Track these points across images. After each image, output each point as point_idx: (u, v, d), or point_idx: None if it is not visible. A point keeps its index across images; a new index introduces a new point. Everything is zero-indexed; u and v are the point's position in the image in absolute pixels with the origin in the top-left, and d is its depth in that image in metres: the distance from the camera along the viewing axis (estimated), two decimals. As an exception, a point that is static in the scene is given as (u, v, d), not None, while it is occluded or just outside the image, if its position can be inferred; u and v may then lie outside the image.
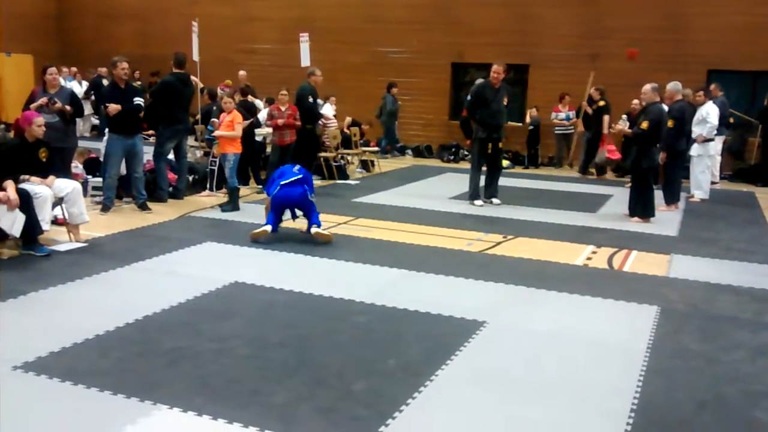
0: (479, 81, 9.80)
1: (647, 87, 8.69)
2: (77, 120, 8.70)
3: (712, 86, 12.06)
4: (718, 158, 12.45)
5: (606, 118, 12.79)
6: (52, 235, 6.66)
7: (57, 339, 4.25)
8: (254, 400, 3.58)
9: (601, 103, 13.01)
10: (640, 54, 10.72)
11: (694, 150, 10.37)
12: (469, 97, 9.65)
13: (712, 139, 10.69)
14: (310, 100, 10.62)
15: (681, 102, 9.65)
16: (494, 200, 9.65)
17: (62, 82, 14.73)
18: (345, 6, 16.39)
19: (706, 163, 10.73)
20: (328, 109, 12.80)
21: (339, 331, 4.64)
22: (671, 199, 9.84)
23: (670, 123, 9.43)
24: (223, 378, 3.83)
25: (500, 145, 9.65)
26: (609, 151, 12.78)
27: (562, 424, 3.49)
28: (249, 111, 10.48)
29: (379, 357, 4.20)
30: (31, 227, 6.06)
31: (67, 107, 7.93)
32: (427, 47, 15.77)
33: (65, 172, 7.53)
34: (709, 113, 10.41)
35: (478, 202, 9.51)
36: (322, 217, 8.36)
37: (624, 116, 12.06)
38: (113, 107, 7.95)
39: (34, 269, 5.79)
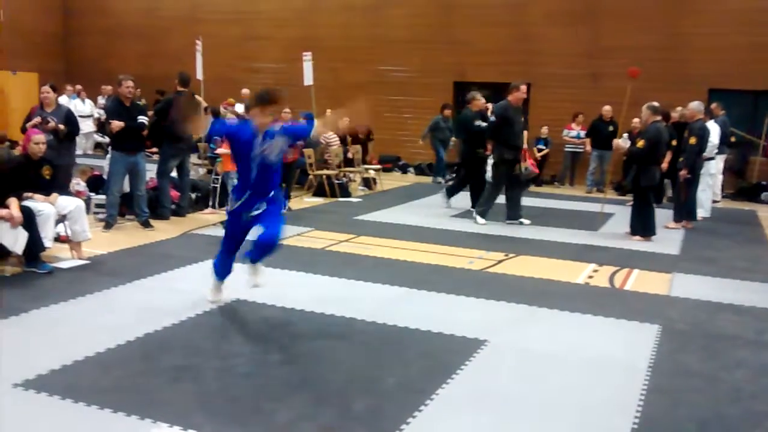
0: (501, 102, 9.67)
1: (644, 107, 8.78)
2: (77, 138, 8.73)
3: (713, 105, 12.10)
4: (720, 177, 12.46)
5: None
6: (54, 252, 6.68)
7: (58, 356, 4.25)
8: (255, 419, 3.57)
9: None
10: (641, 73, 10.78)
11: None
12: (492, 118, 9.48)
13: (712, 158, 10.72)
14: (476, 123, 10.14)
15: (701, 121, 9.71)
16: (525, 221, 9.59)
17: (66, 100, 14.93)
18: (347, 26, 16.52)
19: (707, 182, 10.74)
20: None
21: (340, 350, 4.64)
22: (688, 216, 9.84)
23: (693, 140, 9.49)
24: (224, 396, 3.83)
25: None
26: (531, 165, 13.33)
27: (563, 443, 3.48)
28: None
29: (380, 375, 4.19)
30: (34, 244, 6.08)
31: (61, 126, 7.97)
32: (429, 66, 15.86)
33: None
34: (710, 132, 10.44)
35: (482, 221, 9.49)
36: (324, 234, 8.39)
37: (625, 135, 12.12)
38: (116, 124, 8.01)
39: (36, 286, 5.80)
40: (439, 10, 15.87)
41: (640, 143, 8.57)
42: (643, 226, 8.80)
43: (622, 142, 9.23)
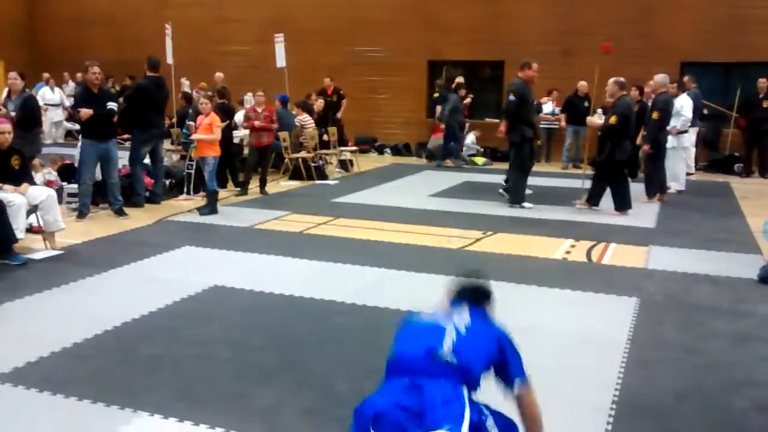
0: (515, 80, 9.47)
1: (610, 81, 8.81)
2: (46, 126, 8.67)
3: (686, 78, 12.17)
4: (693, 149, 12.58)
5: (438, 108, 13.75)
6: (27, 243, 6.57)
7: (34, 348, 4.18)
8: (236, 404, 3.55)
9: (436, 95, 14.02)
10: (614, 48, 10.82)
11: (669, 142, 10.45)
12: (512, 98, 9.16)
13: (686, 131, 10.80)
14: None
15: (665, 94, 9.74)
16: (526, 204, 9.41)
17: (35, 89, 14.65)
18: (321, 6, 16.35)
19: (681, 155, 10.84)
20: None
21: (321, 332, 4.62)
22: (657, 189, 9.92)
23: (655, 115, 9.54)
24: (205, 383, 3.80)
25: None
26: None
27: (545, 418, 3.49)
28: (226, 113, 10.42)
29: (362, 357, 4.18)
30: (6, 236, 5.98)
31: (12, 113, 7.86)
32: (404, 46, 15.77)
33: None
34: (683, 106, 10.51)
35: (528, 205, 9.26)
36: (301, 218, 8.35)
37: (599, 110, 12.15)
38: (85, 112, 7.87)
39: (9, 278, 5.71)
40: (412, -12, 15.77)
41: (613, 119, 8.61)
42: (620, 200, 8.86)
43: (597, 119, 9.26)
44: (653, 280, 5.94)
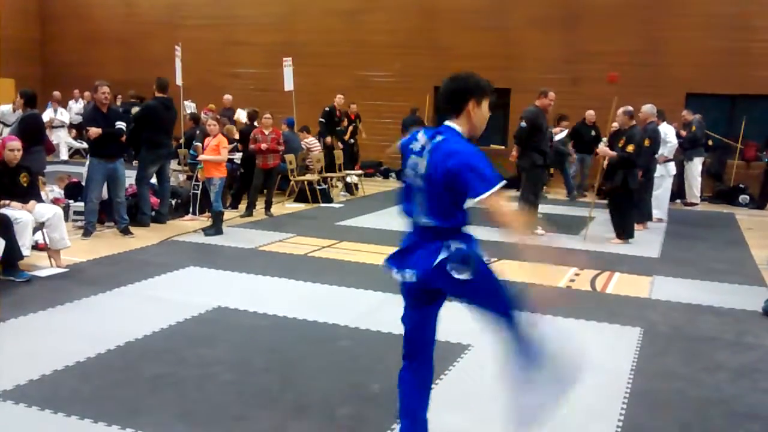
0: (530, 107, 9.46)
1: (620, 111, 8.88)
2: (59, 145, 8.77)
3: (684, 112, 12.35)
4: (699, 179, 12.62)
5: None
6: (32, 260, 6.59)
7: (37, 366, 4.19)
8: (238, 427, 3.54)
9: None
10: (620, 78, 10.87)
11: (656, 171, 10.50)
12: (523, 125, 9.10)
13: (672, 159, 10.89)
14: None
15: (653, 124, 9.84)
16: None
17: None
18: (328, 31, 16.52)
19: (668, 183, 10.93)
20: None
21: (323, 356, 4.61)
22: (643, 217, 9.96)
23: (647, 142, 9.59)
24: (206, 404, 3.79)
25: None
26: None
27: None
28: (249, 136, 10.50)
29: (364, 381, 4.17)
30: (12, 253, 5.99)
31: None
32: (410, 71, 15.89)
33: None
34: (666, 134, 10.61)
35: (540, 232, 9.07)
36: (306, 240, 8.35)
37: (604, 139, 12.18)
38: (94, 131, 7.94)
39: (13, 295, 5.72)
40: (420, 14, 15.93)
41: (630, 147, 8.61)
42: (624, 229, 8.85)
43: (603, 147, 9.28)
44: (657, 311, 5.92)
